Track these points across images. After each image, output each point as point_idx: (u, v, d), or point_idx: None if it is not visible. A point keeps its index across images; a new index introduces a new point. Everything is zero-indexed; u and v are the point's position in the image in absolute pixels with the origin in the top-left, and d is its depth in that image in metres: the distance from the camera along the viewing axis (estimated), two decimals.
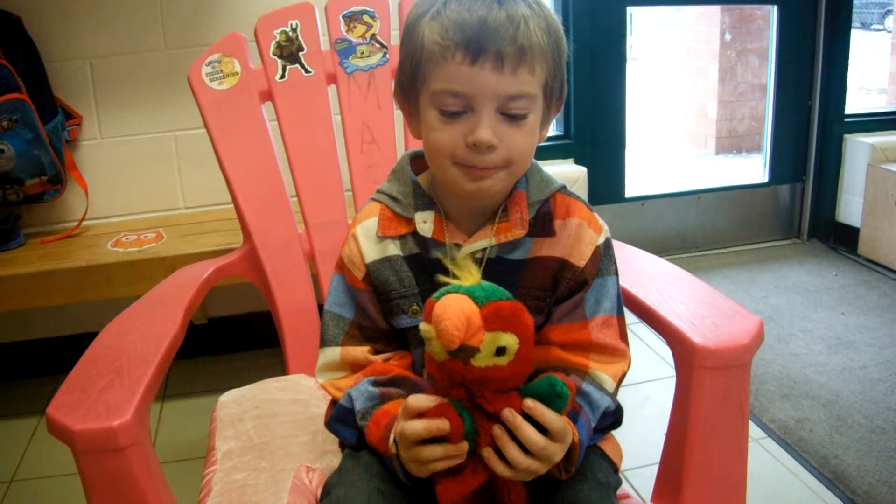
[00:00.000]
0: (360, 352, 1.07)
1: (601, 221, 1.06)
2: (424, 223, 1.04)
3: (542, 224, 1.05)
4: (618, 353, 1.04)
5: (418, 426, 0.88)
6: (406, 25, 1.00)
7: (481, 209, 1.04)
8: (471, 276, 0.88)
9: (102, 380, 1.00)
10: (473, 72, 0.92)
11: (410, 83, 1.00)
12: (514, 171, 0.99)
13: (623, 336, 1.06)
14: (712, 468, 1.04)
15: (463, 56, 0.92)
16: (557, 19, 0.98)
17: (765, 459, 1.87)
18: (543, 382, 0.89)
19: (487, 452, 0.89)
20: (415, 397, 0.90)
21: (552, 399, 0.88)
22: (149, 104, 2.29)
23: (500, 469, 0.88)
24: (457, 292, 0.86)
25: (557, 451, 0.89)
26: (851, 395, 2.10)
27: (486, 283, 0.88)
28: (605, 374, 1.02)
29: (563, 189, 1.07)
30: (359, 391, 1.02)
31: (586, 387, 1.00)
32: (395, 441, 0.94)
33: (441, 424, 0.87)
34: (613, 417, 1.04)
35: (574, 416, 0.95)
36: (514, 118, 0.95)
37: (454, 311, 0.83)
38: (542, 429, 0.88)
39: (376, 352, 1.08)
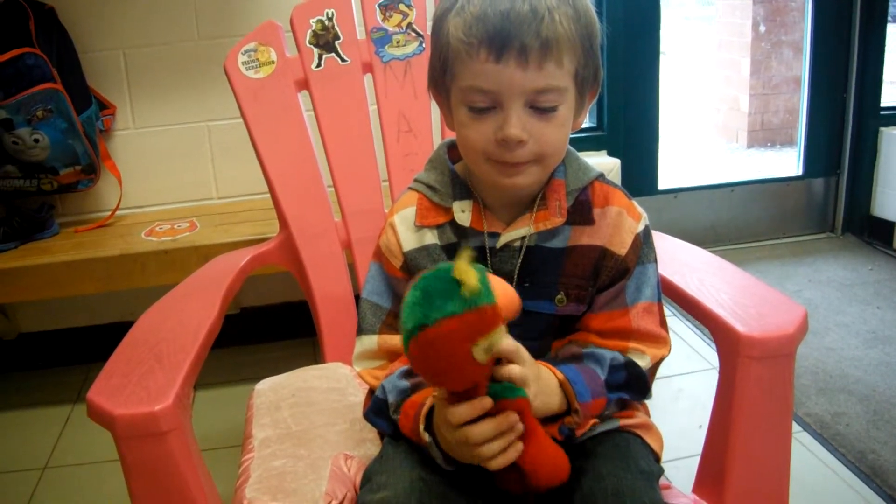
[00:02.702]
0: (397, 340, 1.06)
1: (640, 209, 1.06)
2: (462, 212, 1.04)
3: (581, 212, 1.04)
4: (659, 339, 1.04)
5: (463, 409, 0.85)
6: (434, 20, 1.00)
7: (519, 198, 1.04)
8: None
9: (143, 365, 1.01)
10: (498, 69, 0.91)
11: (441, 78, 1.00)
12: (547, 164, 0.99)
13: (663, 323, 1.06)
14: (756, 459, 1.03)
15: (487, 53, 0.91)
16: (588, 2, 0.96)
17: (801, 454, 1.85)
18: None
19: None
20: (452, 413, 0.86)
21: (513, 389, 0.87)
22: (182, 94, 2.29)
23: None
24: None
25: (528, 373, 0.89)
26: (888, 389, 2.08)
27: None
28: (644, 353, 1.02)
29: (601, 177, 1.07)
30: (391, 383, 1.02)
31: (588, 349, 1.00)
32: (425, 429, 0.94)
33: (484, 402, 0.85)
34: (626, 372, 1.01)
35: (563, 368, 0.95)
36: (543, 112, 0.94)
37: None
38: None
39: None
